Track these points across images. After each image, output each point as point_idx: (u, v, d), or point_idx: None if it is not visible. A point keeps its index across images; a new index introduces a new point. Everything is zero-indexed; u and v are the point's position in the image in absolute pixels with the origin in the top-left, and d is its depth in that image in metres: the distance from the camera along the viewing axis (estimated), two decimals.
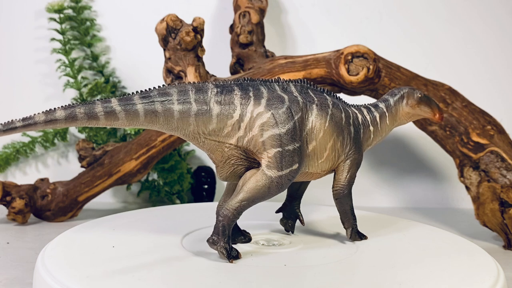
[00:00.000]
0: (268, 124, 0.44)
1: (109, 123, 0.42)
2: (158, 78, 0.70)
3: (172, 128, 0.44)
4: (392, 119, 0.53)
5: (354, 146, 0.50)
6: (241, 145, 0.45)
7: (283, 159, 0.44)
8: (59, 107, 0.41)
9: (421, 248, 0.50)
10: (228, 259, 0.44)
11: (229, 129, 0.44)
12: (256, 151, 0.44)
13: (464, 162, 0.66)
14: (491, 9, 0.88)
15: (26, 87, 0.89)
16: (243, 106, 0.44)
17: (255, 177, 0.44)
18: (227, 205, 0.44)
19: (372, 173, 0.89)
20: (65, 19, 0.85)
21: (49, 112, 0.41)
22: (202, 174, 0.86)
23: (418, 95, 0.53)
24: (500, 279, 0.43)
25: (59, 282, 0.40)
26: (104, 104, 0.42)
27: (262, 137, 0.44)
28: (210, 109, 0.44)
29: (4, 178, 0.87)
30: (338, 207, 0.51)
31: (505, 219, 0.62)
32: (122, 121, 0.42)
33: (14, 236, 0.65)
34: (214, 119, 0.44)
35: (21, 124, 0.40)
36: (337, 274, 0.43)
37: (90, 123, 0.42)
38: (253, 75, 0.68)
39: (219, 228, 0.44)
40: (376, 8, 0.89)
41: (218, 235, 0.44)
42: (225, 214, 0.44)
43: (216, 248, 0.44)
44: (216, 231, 0.44)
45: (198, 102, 0.44)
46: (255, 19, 0.77)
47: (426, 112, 0.53)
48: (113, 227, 0.55)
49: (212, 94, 0.44)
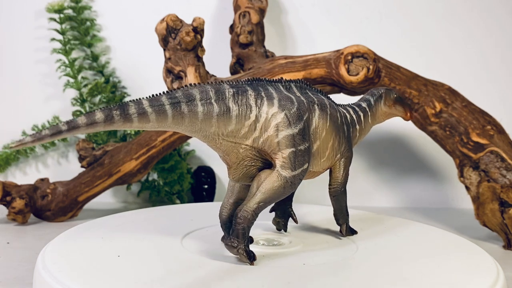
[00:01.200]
0: (282, 124, 0.44)
1: (140, 125, 0.41)
2: (158, 78, 0.70)
3: (195, 130, 0.43)
4: (373, 118, 0.55)
5: (347, 145, 0.51)
6: (256, 146, 0.44)
7: (296, 159, 0.44)
8: (98, 109, 0.39)
9: (421, 248, 0.50)
10: (249, 261, 0.44)
11: (246, 130, 0.44)
12: (271, 152, 0.44)
13: (464, 162, 0.66)
14: (491, 9, 0.88)
15: (26, 87, 0.89)
16: (259, 107, 0.44)
17: (270, 178, 0.44)
18: (246, 207, 0.44)
19: (372, 173, 0.89)
20: (65, 19, 0.85)
21: (90, 115, 0.39)
22: (202, 174, 0.86)
23: (394, 95, 0.55)
24: (500, 279, 0.43)
25: (59, 282, 0.40)
26: (136, 105, 0.40)
27: (277, 137, 0.44)
28: (230, 110, 0.43)
29: (4, 178, 0.87)
30: (334, 204, 0.52)
31: (505, 219, 0.62)
32: (152, 124, 0.41)
33: (14, 236, 0.65)
34: (233, 120, 0.43)
35: (66, 128, 0.38)
36: (340, 273, 0.43)
37: (125, 125, 0.40)
38: (253, 75, 0.68)
39: (239, 231, 0.44)
40: (376, 8, 0.89)
41: (238, 238, 0.44)
42: (244, 216, 0.44)
43: (237, 251, 0.44)
44: (236, 234, 0.44)
45: (219, 103, 0.43)
46: (255, 19, 0.77)
47: (400, 111, 0.56)
48: (113, 227, 0.55)
49: (229, 95, 0.43)
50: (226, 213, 0.47)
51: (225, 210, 0.47)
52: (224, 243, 0.44)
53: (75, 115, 0.83)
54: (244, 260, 0.44)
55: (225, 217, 0.47)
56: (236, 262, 0.45)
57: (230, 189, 0.47)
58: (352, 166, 0.93)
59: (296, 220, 0.54)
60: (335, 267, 0.44)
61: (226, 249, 0.44)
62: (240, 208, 0.44)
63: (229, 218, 0.47)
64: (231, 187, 0.47)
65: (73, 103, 0.84)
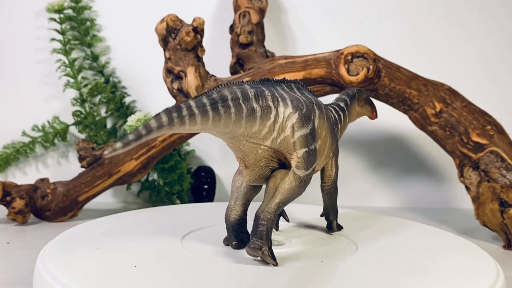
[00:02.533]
0: (297, 124, 0.44)
1: (190, 127, 0.40)
2: (158, 78, 0.70)
3: (226, 132, 0.42)
4: (349, 118, 0.56)
5: (336, 143, 0.52)
6: (274, 146, 0.44)
7: (308, 158, 0.44)
8: (163, 112, 0.38)
9: (421, 248, 0.50)
10: (274, 262, 0.44)
11: (266, 130, 0.44)
12: (286, 152, 0.44)
13: (464, 162, 0.66)
14: (491, 9, 0.88)
15: (26, 87, 0.89)
16: (276, 108, 0.44)
17: (288, 179, 0.44)
18: (267, 208, 0.44)
19: (372, 174, 0.89)
20: (65, 19, 0.85)
21: (157, 118, 0.38)
22: (202, 174, 0.86)
23: (364, 95, 0.57)
24: (500, 279, 0.43)
25: (59, 282, 0.40)
26: (186, 106, 0.39)
27: (293, 137, 0.44)
28: (255, 111, 0.43)
29: (4, 178, 0.87)
30: (328, 201, 0.53)
31: (505, 219, 0.62)
32: (198, 126, 0.40)
33: (14, 236, 0.65)
34: (258, 121, 0.43)
35: (144, 132, 0.37)
36: (339, 273, 0.43)
37: (181, 128, 0.39)
38: (253, 75, 0.68)
39: (262, 232, 0.43)
40: (376, 8, 0.89)
41: (262, 239, 0.43)
42: (268, 218, 0.44)
43: (262, 252, 0.43)
44: (260, 235, 0.43)
45: (245, 104, 0.43)
46: (255, 19, 0.77)
47: (368, 111, 0.58)
48: (113, 227, 0.55)
49: (252, 96, 0.43)
50: (234, 216, 0.47)
51: (233, 212, 0.47)
52: (247, 246, 0.44)
53: (75, 115, 0.83)
54: (269, 260, 0.44)
55: (233, 219, 0.47)
56: (236, 262, 0.45)
57: (236, 191, 0.47)
58: (352, 166, 0.94)
59: (288, 219, 0.55)
60: (335, 267, 0.44)
61: (248, 251, 0.44)
62: (261, 210, 0.44)
63: (238, 221, 0.47)
64: (237, 189, 0.47)
65: (73, 103, 0.84)
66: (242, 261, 0.45)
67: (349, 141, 0.88)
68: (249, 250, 0.44)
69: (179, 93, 0.67)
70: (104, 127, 0.84)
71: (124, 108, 0.86)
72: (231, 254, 0.47)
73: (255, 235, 0.44)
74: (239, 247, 0.48)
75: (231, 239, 0.48)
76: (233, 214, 0.47)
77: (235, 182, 0.48)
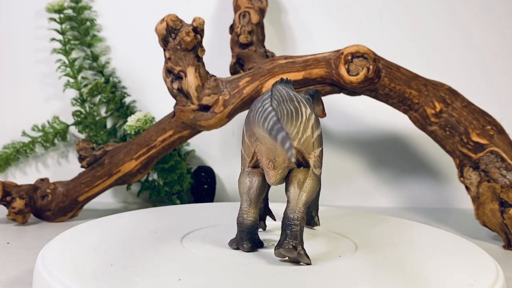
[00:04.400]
0: (315, 124, 0.45)
1: None
2: (158, 78, 0.70)
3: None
4: None
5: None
6: (298, 146, 0.45)
7: (321, 157, 0.46)
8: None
9: (420, 248, 0.50)
10: (309, 261, 0.44)
11: (295, 131, 0.44)
12: (306, 151, 0.45)
13: (464, 162, 0.66)
14: (491, 9, 0.88)
15: (26, 87, 0.89)
16: (300, 108, 0.45)
17: (310, 178, 0.45)
18: (297, 209, 0.44)
19: (372, 173, 0.89)
20: (65, 19, 0.85)
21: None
22: (202, 174, 0.86)
23: (320, 95, 0.57)
24: (500, 279, 0.43)
25: (59, 282, 0.40)
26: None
27: (313, 137, 0.45)
28: (292, 112, 0.44)
29: (4, 178, 0.87)
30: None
31: (505, 219, 0.62)
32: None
33: (14, 236, 0.65)
34: (293, 121, 0.44)
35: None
36: (339, 273, 0.43)
37: None
38: (253, 75, 0.68)
39: (297, 232, 0.44)
40: (376, 8, 0.89)
41: (296, 239, 0.44)
42: (301, 217, 0.44)
43: (297, 253, 0.44)
44: (294, 236, 0.44)
45: (286, 105, 0.43)
46: (255, 19, 0.77)
47: (320, 110, 0.58)
48: (113, 227, 0.55)
49: (287, 96, 0.44)
50: (250, 219, 0.47)
51: (249, 215, 0.47)
52: (282, 247, 0.44)
53: (75, 115, 0.83)
54: (305, 260, 0.44)
55: (249, 222, 0.47)
56: (237, 262, 0.45)
57: (246, 194, 0.47)
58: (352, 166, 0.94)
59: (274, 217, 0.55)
60: (335, 267, 0.44)
61: (281, 253, 0.44)
62: (292, 210, 0.44)
63: (254, 223, 0.47)
64: (247, 192, 0.47)
65: (73, 103, 0.84)
66: (242, 261, 0.45)
67: (349, 141, 0.88)
68: (282, 252, 0.44)
69: (179, 93, 0.67)
70: (104, 127, 0.84)
71: (124, 108, 0.86)
72: (231, 254, 0.47)
73: (289, 236, 0.44)
74: (252, 250, 0.47)
75: (244, 242, 0.47)
76: (248, 217, 0.47)
77: (243, 184, 0.47)
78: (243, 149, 0.47)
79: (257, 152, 0.46)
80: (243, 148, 0.47)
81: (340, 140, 0.88)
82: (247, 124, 0.46)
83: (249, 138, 0.46)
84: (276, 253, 0.44)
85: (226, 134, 0.88)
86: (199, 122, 0.67)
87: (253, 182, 0.47)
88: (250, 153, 0.46)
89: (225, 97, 0.66)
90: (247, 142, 0.46)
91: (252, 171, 0.47)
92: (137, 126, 0.75)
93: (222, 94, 0.66)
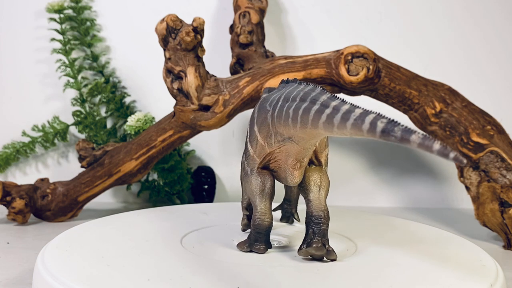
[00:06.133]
0: None
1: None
2: (158, 78, 0.70)
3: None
4: None
5: None
6: (316, 145, 0.45)
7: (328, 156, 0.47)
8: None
9: (420, 248, 0.50)
10: (336, 256, 0.45)
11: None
12: (319, 151, 0.46)
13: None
14: (490, 10, 0.88)
15: (26, 87, 0.89)
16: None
17: (325, 176, 0.46)
18: (323, 207, 0.45)
19: (372, 173, 0.89)
20: (65, 19, 0.85)
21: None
22: (202, 174, 0.86)
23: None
24: (500, 279, 0.43)
25: (59, 282, 0.40)
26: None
27: (326, 137, 0.46)
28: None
29: (4, 178, 0.87)
30: (296, 195, 0.55)
31: (505, 219, 0.62)
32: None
33: (14, 236, 0.65)
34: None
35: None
36: (340, 272, 0.43)
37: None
38: (253, 75, 0.68)
39: (325, 230, 0.45)
40: (376, 8, 0.89)
41: (324, 237, 0.45)
42: (327, 215, 0.45)
43: (327, 250, 0.44)
44: (323, 234, 0.45)
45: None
46: (255, 19, 0.77)
47: None
48: (113, 227, 0.55)
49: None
50: (269, 220, 0.47)
51: (267, 216, 0.47)
52: (311, 246, 0.44)
53: (75, 115, 0.83)
54: (333, 257, 0.45)
55: (268, 223, 0.47)
56: (237, 262, 0.45)
57: (260, 195, 0.46)
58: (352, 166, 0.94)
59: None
60: (335, 267, 0.44)
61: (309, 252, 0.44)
62: (318, 209, 0.45)
63: (271, 224, 0.47)
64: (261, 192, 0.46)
65: (73, 103, 0.84)
66: (242, 260, 0.45)
67: (350, 141, 0.88)
68: (313, 250, 0.44)
69: (179, 93, 0.67)
70: (104, 127, 0.84)
71: (124, 108, 0.86)
72: (232, 254, 0.47)
73: (317, 234, 0.44)
74: (266, 250, 0.47)
75: (261, 244, 0.47)
76: (267, 219, 0.47)
77: (255, 186, 0.46)
78: (252, 150, 0.46)
79: (278, 152, 0.45)
80: (252, 148, 0.46)
81: (340, 140, 0.88)
82: (263, 125, 0.45)
83: (265, 139, 0.45)
84: (303, 252, 0.45)
85: (226, 134, 0.88)
86: (199, 122, 0.67)
87: (265, 183, 0.46)
88: (262, 154, 0.46)
89: (225, 97, 0.66)
90: (261, 143, 0.45)
91: (262, 172, 0.46)
92: (137, 126, 0.75)
93: (222, 94, 0.66)
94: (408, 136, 0.32)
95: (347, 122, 0.35)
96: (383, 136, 0.33)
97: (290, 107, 0.41)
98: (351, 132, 0.36)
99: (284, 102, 0.42)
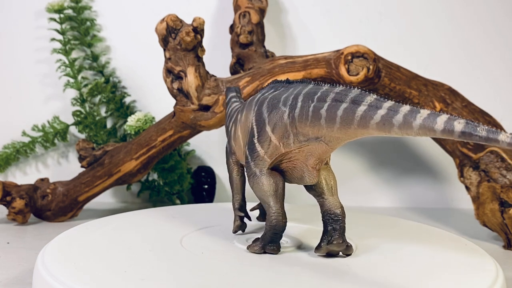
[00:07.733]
0: None
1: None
2: (158, 78, 0.70)
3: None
4: None
5: None
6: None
7: None
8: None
9: (420, 248, 0.50)
10: (353, 250, 0.46)
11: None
12: None
13: (464, 162, 0.66)
14: (490, 10, 0.88)
15: (26, 87, 0.89)
16: None
17: (333, 174, 0.47)
18: (340, 204, 0.46)
19: (372, 173, 0.89)
20: (65, 19, 0.85)
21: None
22: (202, 174, 0.86)
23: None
24: (500, 279, 0.43)
25: (59, 282, 0.40)
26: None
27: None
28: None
29: (4, 178, 0.87)
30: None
31: (505, 219, 0.62)
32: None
33: (14, 236, 0.65)
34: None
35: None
36: (340, 272, 0.43)
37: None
38: (253, 75, 0.68)
39: (344, 227, 0.46)
40: (375, 8, 0.89)
41: (344, 234, 0.46)
42: (344, 212, 0.46)
43: (346, 246, 0.46)
44: (342, 230, 0.45)
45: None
46: (255, 19, 0.77)
47: None
48: (113, 227, 0.55)
49: None
50: (285, 219, 0.46)
51: (284, 216, 0.46)
52: (332, 243, 0.45)
53: (75, 115, 0.83)
54: (350, 251, 0.46)
55: (284, 223, 0.46)
56: (237, 261, 0.45)
57: (274, 195, 0.46)
58: (352, 166, 0.94)
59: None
60: (335, 267, 0.44)
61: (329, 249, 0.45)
62: (336, 206, 0.46)
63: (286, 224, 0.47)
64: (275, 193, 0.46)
65: (73, 103, 0.84)
66: (243, 260, 0.45)
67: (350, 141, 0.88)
68: (334, 248, 0.45)
69: (179, 93, 0.67)
70: (104, 127, 0.84)
71: (124, 108, 0.86)
72: (232, 254, 0.47)
73: (338, 230, 0.45)
74: (280, 251, 0.47)
75: (277, 245, 0.47)
76: (284, 219, 0.46)
77: (268, 186, 0.46)
78: (262, 151, 0.45)
79: (296, 152, 0.44)
80: (263, 149, 0.45)
81: None
82: (278, 126, 0.44)
83: (281, 139, 0.44)
84: (323, 249, 0.45)
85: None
86: (199, 122, 0.67)
87: (278, 184, 0.46)
88: (275, 154, 0.45)
89: (225, 97, 0.66)
90: (275, 144, 0.44)
91: (272, 173, 0.46)
92: (137, 126, 0.76)
93: (222, 94, 0.66)
94: (495, 136, 0.33)
95: (413, 123, 0.37)
96: (464, 136, 0.34)
97: (320, 107, 0.41)
98: (418, 132, 0.37)
99: (308, 102, 0.42)
